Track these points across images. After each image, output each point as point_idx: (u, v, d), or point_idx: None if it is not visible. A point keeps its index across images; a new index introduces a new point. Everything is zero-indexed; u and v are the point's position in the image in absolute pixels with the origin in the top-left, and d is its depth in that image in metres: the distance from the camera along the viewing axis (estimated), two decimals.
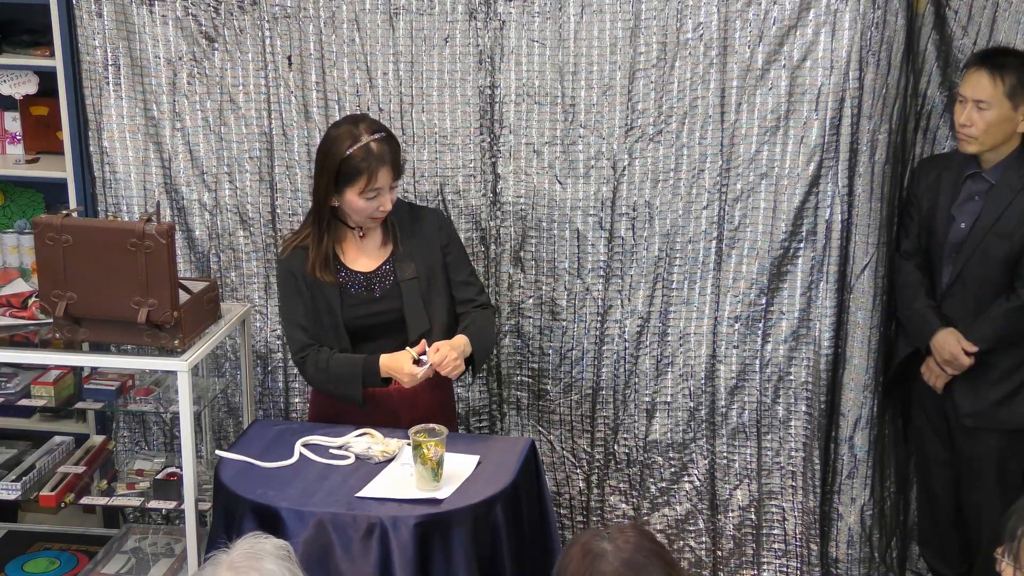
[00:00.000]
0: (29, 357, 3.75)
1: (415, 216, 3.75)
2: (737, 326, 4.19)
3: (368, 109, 4.17)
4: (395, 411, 3.65)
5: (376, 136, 3.54)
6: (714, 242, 4.15)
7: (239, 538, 2.50)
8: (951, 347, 3.92)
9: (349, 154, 3.52)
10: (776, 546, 4.30)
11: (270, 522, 3.24)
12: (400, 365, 3.55)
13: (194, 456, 3.61)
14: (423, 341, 3.58)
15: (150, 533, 4.30)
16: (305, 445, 3.58)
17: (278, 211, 4.30)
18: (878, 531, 4.27)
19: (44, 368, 3.87)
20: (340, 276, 3.66)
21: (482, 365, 3.85)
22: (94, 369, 3.91)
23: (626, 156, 4.13)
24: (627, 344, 4.25)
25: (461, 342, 3.62)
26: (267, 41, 4.17)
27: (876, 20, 3.93)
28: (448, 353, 3.55)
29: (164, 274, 3.52)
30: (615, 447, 4.33)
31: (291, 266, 3.66)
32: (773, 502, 4.28)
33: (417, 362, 3.55)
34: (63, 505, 3.89)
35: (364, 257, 3.69)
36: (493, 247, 4.24)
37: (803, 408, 4.21)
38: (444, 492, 3.31)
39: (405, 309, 3.67)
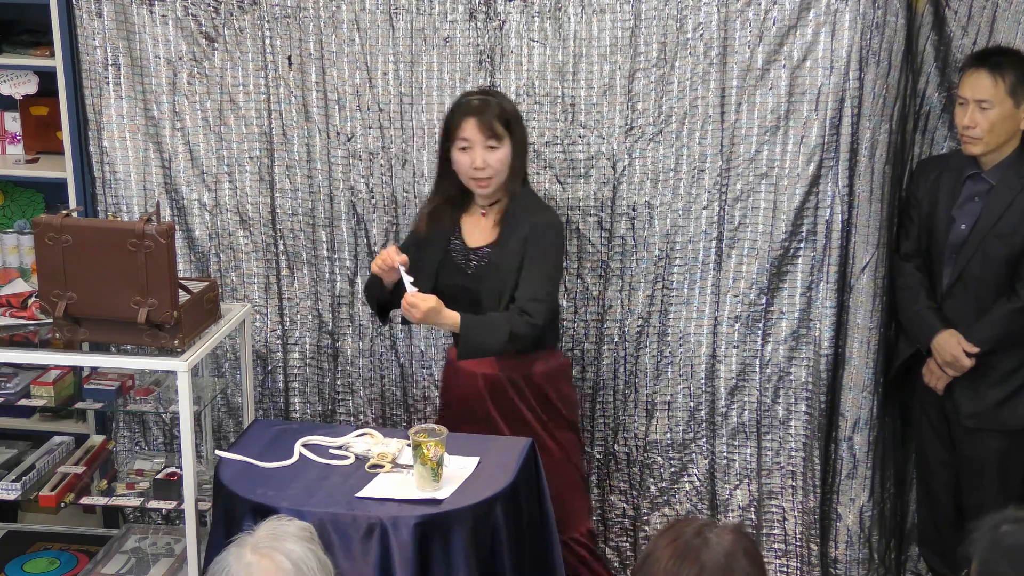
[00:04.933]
0: (29, 357, 3.74)
1: (534, 210, 3.77)
2: (737, 326, 4.19)
3: (368, 109, 4.17)
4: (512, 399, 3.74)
5: (477, 94, 3.74)
6: (714, 242, 4.15)
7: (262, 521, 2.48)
8: (952, 349, 3.92)
9: (450, 111, 3.74)
10: (776, 546, 4.29)
11: None
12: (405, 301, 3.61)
13: (194, 456, 3.61)
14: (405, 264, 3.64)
15: (150, 533, 4.30)
16: (305, 445, 3.58)
17: (278, 211, 4.30)
18: (877, 532, 4.27)
19: (44, 368, 3.87)
20: (452, 243, 3.77)
21: (469, 353, 3.69)
22: (94, 369, 3.90)
23: (626, 156, 4.13)
24: (627, 344, 4.25)
25: (432, 302, 3.58)
26: (267, 41, 4.17)
27: (876, 20, 3.93)
28: (413, 302, 3.57)
29: (164, 274, 3.52)
30: (615, 447, 4.33)
31: (417, 222, 3.87)
32: (773, 502, 4.28)
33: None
34: (63, 505, 3.88)
35: (476, 233, 3.79)
36: None
37: (803, 408, 4.21)
38: (444, 492, 3.31)
39: (483, 293, 3.72)
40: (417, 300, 3.57)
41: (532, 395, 3.78)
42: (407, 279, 3.61)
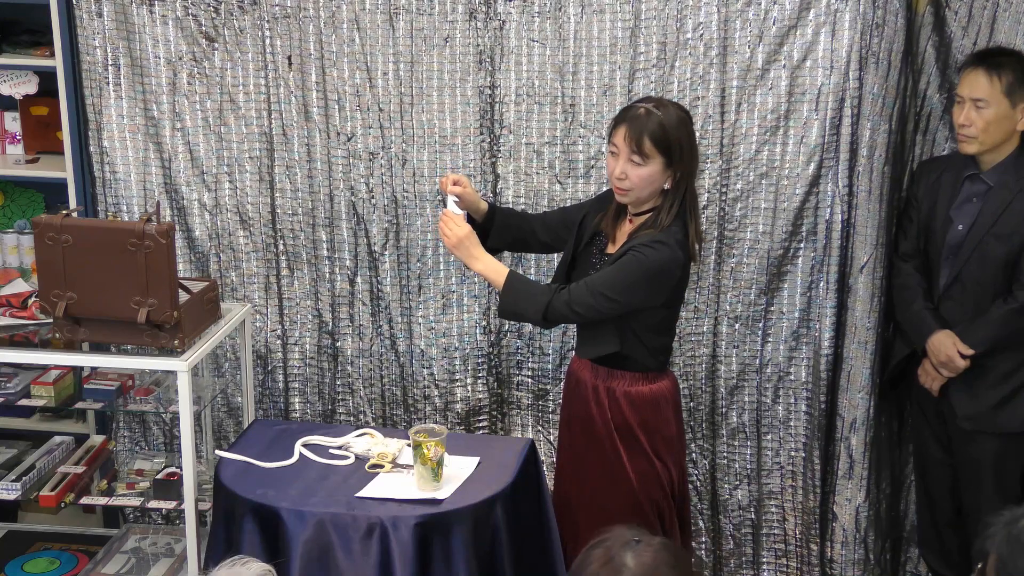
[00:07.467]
0: (29, 357, 3.74)
1: (653, 237, 3.46)
2: (737, 326, 4.19)
3: (368, 109, 4.17)
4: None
5: (648, 104, 3.47)
6: (714, 242, 4.15)
7: (228, 558, 2.37)
8: (947, 349, 3.92)
9: (618, 112, 3.58)
10: (776, 546, 4.30)
11: (270, 522, 3.25)
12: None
13: (194, 456, 3.61)
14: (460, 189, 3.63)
15: (150, 533, 4.30)
16: (305, 445, 3.58)
17: (278, 211, 4.30)
18: (873, 533, 4.27)
19: (44, 368, 3.87)
20: (597, 239, 3.62)
21: (506, 314, 3.61)
22: (94, 369, 3.91)
23: None
24: None
25: (463, 232, 3.55)
26: (267, 41, 4.17)
27: (876, 20, 3.93)
28: (445, 223, 3.57)
29: (164, 274, 3.52)
30: None
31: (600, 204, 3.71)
32: (773, 502, 4.28)
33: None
34: (63, 505, 3.89)
35: (619, 239, 3.58)
36: None
37: (803, 408, 4.21)
38: (444, 492, 3.32)
39: None
40: (450, 224, 3.54)
41: (612, 412, 3.55)
42: (451, 203, 3.59)
